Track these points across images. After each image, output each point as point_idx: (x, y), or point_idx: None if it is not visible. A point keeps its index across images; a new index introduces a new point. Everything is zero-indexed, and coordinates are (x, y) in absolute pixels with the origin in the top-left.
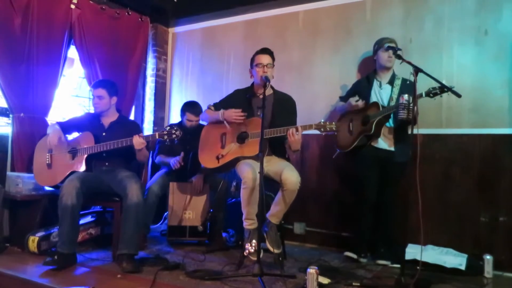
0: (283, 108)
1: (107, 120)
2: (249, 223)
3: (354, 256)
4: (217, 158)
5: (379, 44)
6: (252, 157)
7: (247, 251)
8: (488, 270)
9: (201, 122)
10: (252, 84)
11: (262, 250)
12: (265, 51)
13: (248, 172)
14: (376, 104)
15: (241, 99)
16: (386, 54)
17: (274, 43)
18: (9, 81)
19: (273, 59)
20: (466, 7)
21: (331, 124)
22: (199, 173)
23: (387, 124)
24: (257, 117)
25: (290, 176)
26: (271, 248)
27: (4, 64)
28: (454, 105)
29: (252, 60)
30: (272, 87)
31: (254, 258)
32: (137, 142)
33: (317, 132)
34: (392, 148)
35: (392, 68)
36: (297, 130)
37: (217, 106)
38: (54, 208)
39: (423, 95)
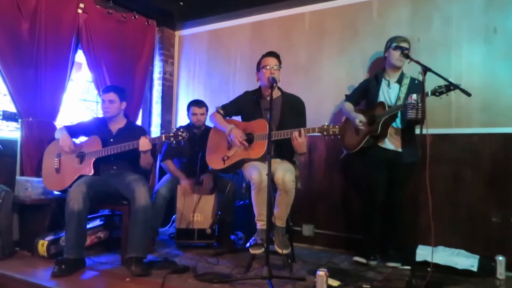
0: (292, 109)
1: (115, 126)
2: (261, 223)
3: (363, 260)
4: (223, 159)
5: (392, 42)
6: (257, 159)
7: (249, 243)
8: (501, 272)
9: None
10: (260, 87)
11: (269, 252)
12: (272, 54)
13: (256, 174)
14: (382, 104)
15: (249, 100)
16: (397, 53)
17: (280, 45)
18: (18, 85)
19: (280, 62)
20: (475, 5)
21: (334, 128)
22: (208, 173)
23: (395, 124)
24: (264, 118)
25: (282, 176)
26: (279, 250)
27: (13, 69)
28: (463, 105)
29: (259, 63)
30: (279, 89)
31: (255, 252)
32: (143, 142)
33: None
34: (400, 149)
35: (401, 67)
36: (300, 134)
37: (226, 108)
38: (63, 212)
39: (429, 94)
